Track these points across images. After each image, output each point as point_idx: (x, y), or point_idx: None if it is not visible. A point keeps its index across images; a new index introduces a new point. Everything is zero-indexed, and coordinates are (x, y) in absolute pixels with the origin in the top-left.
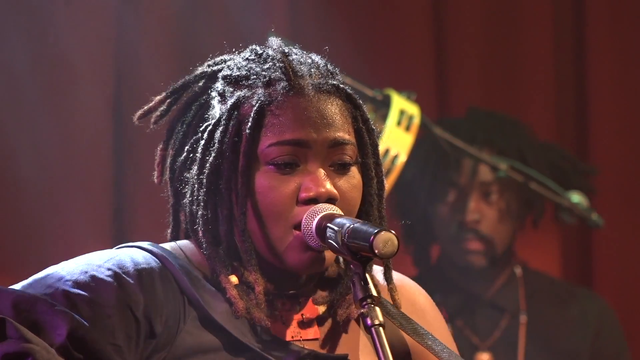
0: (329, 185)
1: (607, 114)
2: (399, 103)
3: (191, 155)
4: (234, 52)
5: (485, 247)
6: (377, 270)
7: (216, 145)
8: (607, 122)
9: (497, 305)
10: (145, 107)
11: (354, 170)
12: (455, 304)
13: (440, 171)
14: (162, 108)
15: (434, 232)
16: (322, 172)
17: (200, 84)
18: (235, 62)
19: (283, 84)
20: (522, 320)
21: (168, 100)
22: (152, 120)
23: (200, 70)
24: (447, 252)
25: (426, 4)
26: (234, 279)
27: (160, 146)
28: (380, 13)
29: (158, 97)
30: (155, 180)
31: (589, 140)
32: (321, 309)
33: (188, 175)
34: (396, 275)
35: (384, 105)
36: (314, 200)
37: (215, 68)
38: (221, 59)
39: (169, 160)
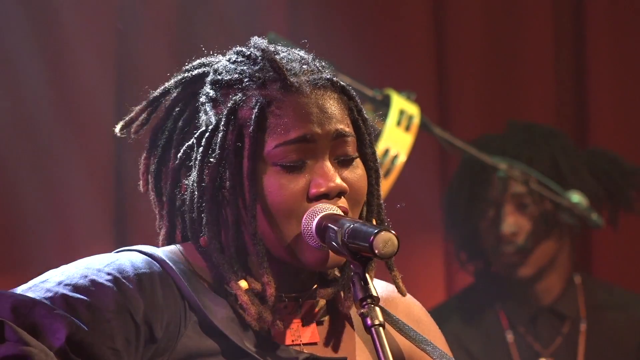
0: (338, 180)
1: (607, 112)
2: (399, 103)
3: (186, 162)
4: (212, 54)
5: (525, 258)
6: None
7: (217, 151)
8: (606, 120)
9: (557, 311)
10: (127, 118)
11: (357, 161)
12: (515, 311)
13: (475, 189)
14: (142, 117)
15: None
16: (330, 166)
17: (179, 89)
18: (222, 65)
19: (279, 83)
20: (582, 328)
21: (148, 109)
22: (133, 130)
23: (180, 76)
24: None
25: (426, 4)
26: (243, 284)
27: (144, 155)
28: (381, 13)
29: (138, 107)
30: (142, 189)
31: (589, 138)
32: (321, 312)
33: (186, 182)
34: (391, 287)
35: (384, 105)
36: (325, 196)
37: (195, 73)
38: (199, 63)
39: (153, 168)
